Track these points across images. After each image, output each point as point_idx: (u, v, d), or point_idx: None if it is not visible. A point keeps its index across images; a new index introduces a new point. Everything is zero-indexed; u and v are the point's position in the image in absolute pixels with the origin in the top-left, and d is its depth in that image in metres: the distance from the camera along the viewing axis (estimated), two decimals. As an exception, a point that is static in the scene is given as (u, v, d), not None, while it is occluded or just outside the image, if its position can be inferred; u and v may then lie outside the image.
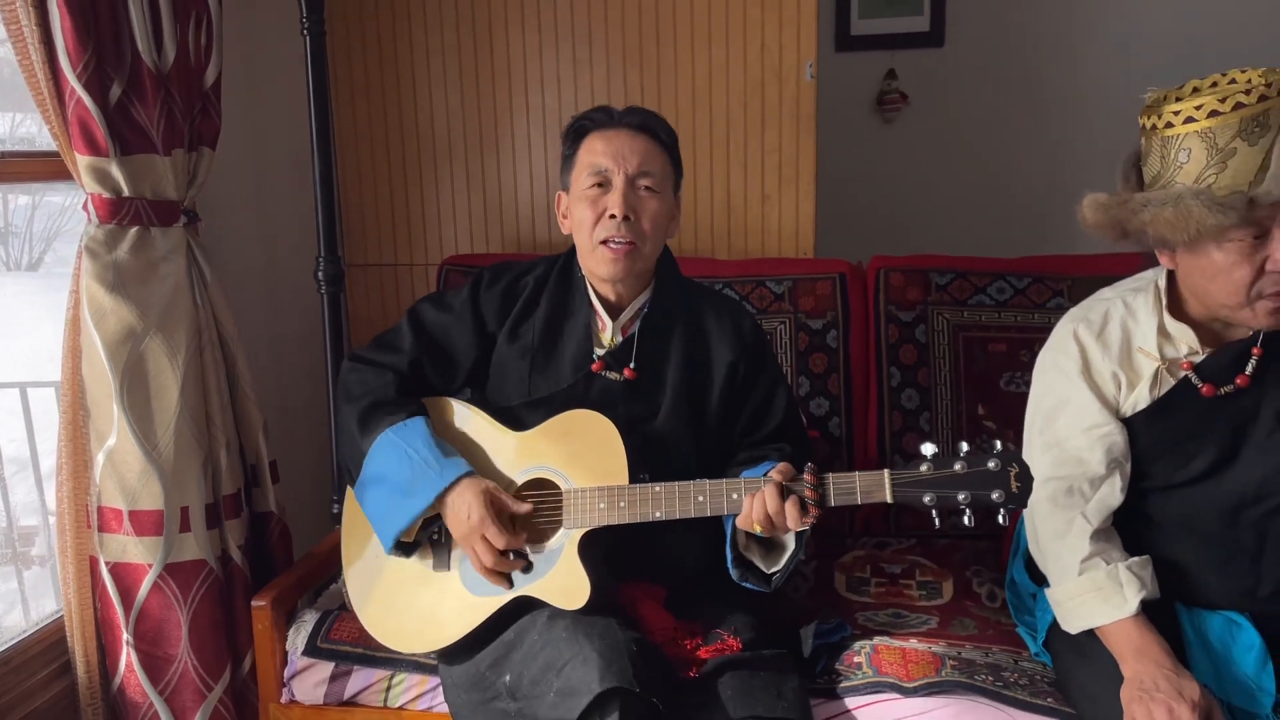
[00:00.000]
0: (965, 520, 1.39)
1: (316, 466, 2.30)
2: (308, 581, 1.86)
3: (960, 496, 1.38)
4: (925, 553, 2.05)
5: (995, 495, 1.37)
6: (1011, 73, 3.10)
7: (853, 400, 2.19)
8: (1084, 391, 1.54)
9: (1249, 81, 1.36)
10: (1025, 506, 1.38)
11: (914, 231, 3.05)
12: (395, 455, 1.56)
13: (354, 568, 1.68)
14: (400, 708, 1.70)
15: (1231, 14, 2.94)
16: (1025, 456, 1.59)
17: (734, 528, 1.50)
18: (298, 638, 1.74)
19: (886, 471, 1.41)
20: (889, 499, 1.40)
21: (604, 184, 1.60)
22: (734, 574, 1.52)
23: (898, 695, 1.55)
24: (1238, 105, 1.34)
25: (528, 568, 1.54)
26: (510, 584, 1.54)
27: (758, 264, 2.30)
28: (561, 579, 1.52)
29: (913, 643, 1.66)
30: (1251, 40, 2.92)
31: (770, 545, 1.53)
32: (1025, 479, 1.36)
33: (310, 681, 1.72)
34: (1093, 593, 1.46)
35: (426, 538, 1.60)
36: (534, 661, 1.47)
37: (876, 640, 1.67)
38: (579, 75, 2.40)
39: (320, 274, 2.12)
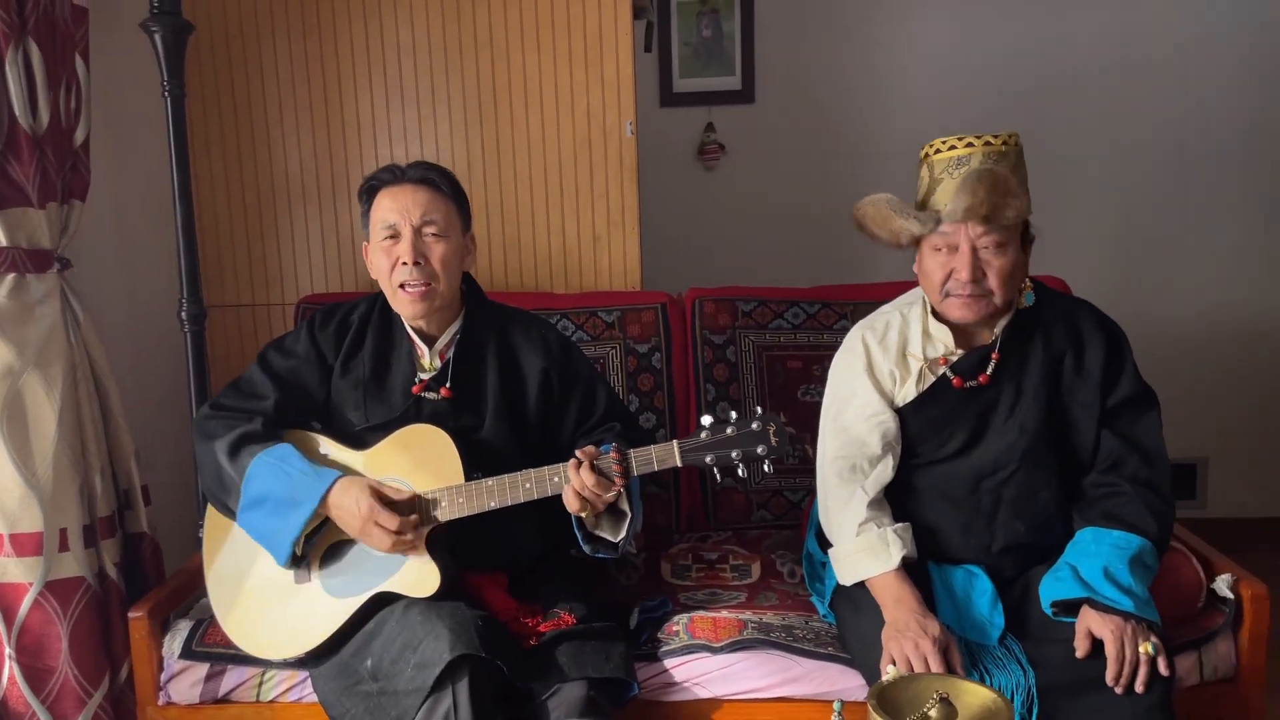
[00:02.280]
0: (740, 472, 1.69)
1: (184, 490, 2.45)
2: (180, 594, 2.02)
3: (734, 454, 1.68)
4: (739, 542, 2.36)
5: (760, 449, 1.67)
6: (812, 126, 3.52)
7: (676, 413, 2.50)
8: (867, 386, 1.88)
9: (966, 139, 1.75)
10: (784, 456, 1.69)
11: (730, 266, 3.41)
12: (273, 475, 1.76)
13: (217, 593, 1.86)
14: (272, 701, 1.88)
15: (988, 80, 3.45)
16: (820, 439, 1.96)
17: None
18: (174, 643, 1.90)
19: (675, 441, 1.70)
20: (679, 463, 1.70)
21: (395, 236, 1.82)
22: (586, 549, 1.78)
23: (708, 654, 1.85)
24: (952, 148, 1.75)
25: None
26: (414, 548, 1.74)
27: (590, 297, 2.59)
28: (413, 572, 1.75)
29: (723, 613, 1.96)
30: (1001, 100, 3.45)
31: (616, 516, 1.79)
32: (781, 433, 1.67)
33: (186, 683, 1.88)
34: (865, 551, 1.79)
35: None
36: (393, 645, 1.69)
37: (694, 613, 1.95)
38: (424, 129, 2.65)
39: (184, 314, 2.30)
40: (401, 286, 1.82)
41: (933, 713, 0.91)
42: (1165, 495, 1.76)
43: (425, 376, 1.88)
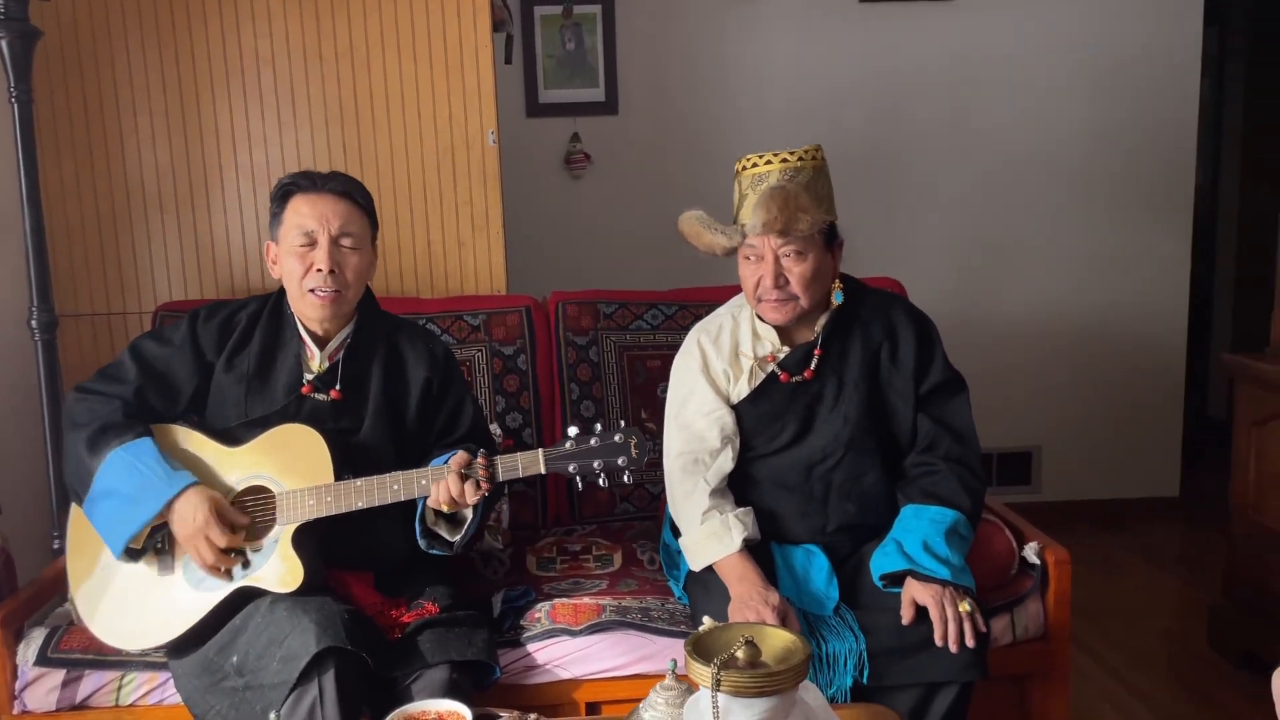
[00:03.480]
0: (601, 483, 1.78)
1: (37, 502, 2.39)
2: (34, 604, 1.98)
3: (595, 464, 1.77)
4: (603, 534, 2.46)
5: (621, 460, 1.77)
6: (674, 137, 3.68)
7: (541, 412, 2.58)
8: (704, 385, 2.01)
9: (765, 156, 1.89)
10: (642, 466, 1.79)
11: (595, 270, 3.52)
12: (125, 470, 1.76)
13: (83, 586, 1.84)
14: (132, 704, 1.87)
15: (836, 92, 3.67)
16: (665, 436, 2.07)
17: (424, 507, 1.83)
18: (28, 651, 1.87)
19: (540, 450, 1.79)
20: (543, 470, 1.78)
21: (311, 243, 1.87)
22: (422, 544, 1.85)
23: (568, 637, 1.94)
24: (753, 165, 1.90)
25: (245, 564, 1.79)
26: (230, 577, 1.79)
27: (456, 301, 2.65)
28: (278, 568, 1.78)
29: (585, 600, 2.05)
30: (848, 111, 3.67)
31: (454, 520, 1.87)
32: (642, 446, 1.78)
33: (41, 690, 1.86)
34: (710, 537, 1.91)
35: (152, 545, 1.81)
36: (259, 639, 1.72)
37: (556, 601, 2.04)
38: (284, 135, 2.67)
39: (34, 322, 2.26)
40: (312, 291, 1.86)
41: (739, 653, 1.02)
42: (976, 471, 1.94)
43: (311, 377, 1.91)
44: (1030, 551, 2.04)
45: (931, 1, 3.65)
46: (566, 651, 1.93)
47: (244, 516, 1.81)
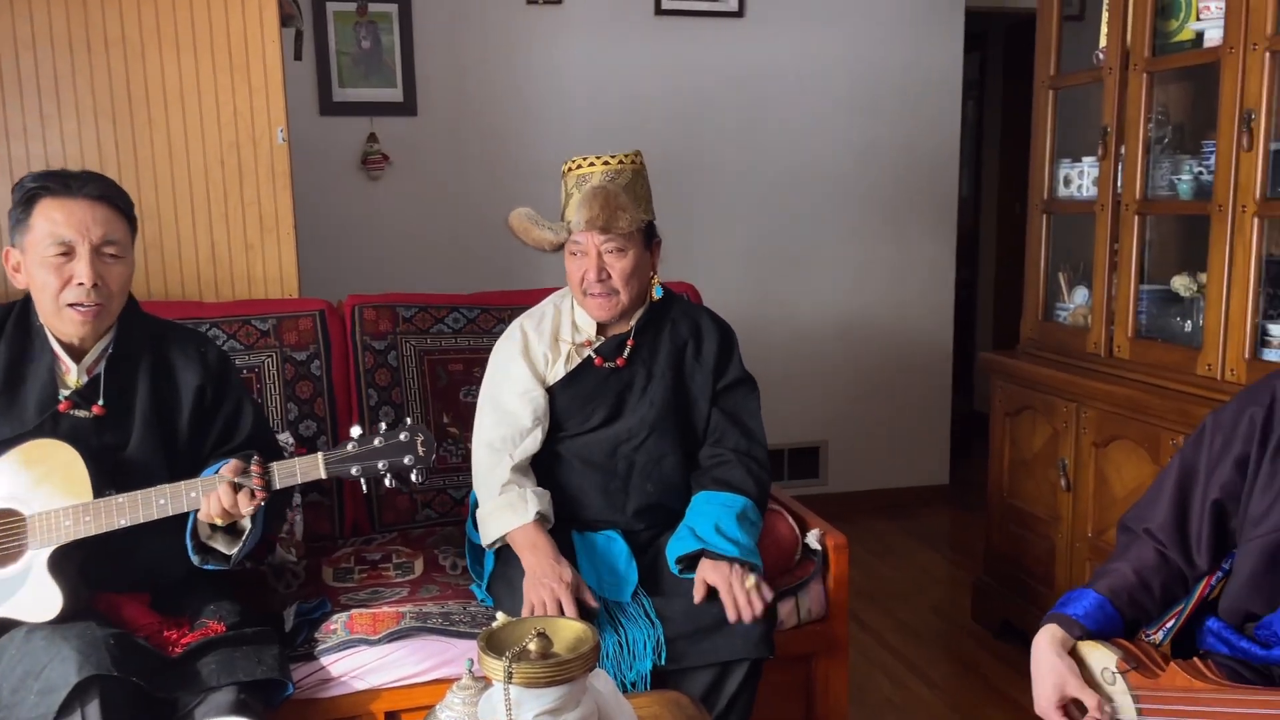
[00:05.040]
0: (388, 483, 1.74)
1: None
2: None
3: (380, 464, 1.72)
4: (404, 541, 2.42)
5: (408, 460, 1.73)
6: (474, 139, 3.66)
7: (337, 420, 2.51)
8: (522, 366, 2.09)
9: (589, 159, 2.01)
10: (430, 465, 1.76)
11: (397, 273, 3.47)
12: None
13: None
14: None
15: (634, 101, 3.77)
16: (477, 416, 2.11)
17: (195, 521, 1.73)
18: None
19: (320, 453, 1.73)
20: (324, 475, 1.71)
21: (68, 253, 1.71)
22: (195, 560, 1.76)
23: (366, 647, 1.90)
24: (578, 166, 2.02)
25: None
26: None
27: (243, 305, 2.54)
28: (32, 595, 1.64)
29: (384, 608, 2.02)
30: (646, 121, 3.78)
31: (234, 532, 1.79)
32: (430, 444, 1.73)
33: None
34: (506, 508, 1.97)
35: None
36: (13, 673, 1.58)
37: (353, 611, 1.99)
38: (47, 128, 2.47)
39: None
40: (71, 305, 1.72)
41: (531, 645, 1.05)
42: (762, 462, 2.08)
43: (68, 393, 1.77)
44: (812, 538, 2.18)
45: (723, 17, 3.81)
46: (364, 662, 1.90)
47: None
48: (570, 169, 2.04)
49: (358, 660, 1.90)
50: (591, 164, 2.00)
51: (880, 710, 2.66)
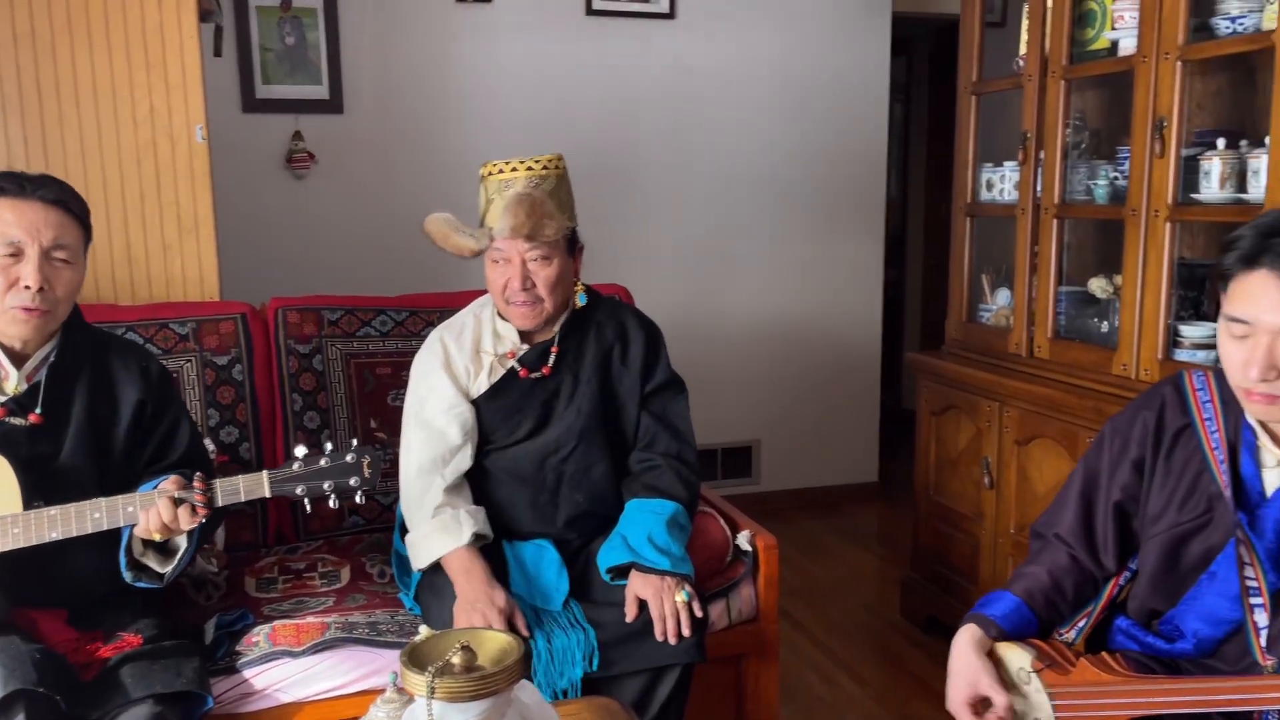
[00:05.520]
0: (332, 504, 1.72)
1: None
2: None
3: (325, 485, 1.71)
4: (330, 549, 2.38)
5: (353, 481, 1.72)
6: (403, 139, 3.61)
7: (260, 426, 2.46)
8: (445, 381, 2.04)
9: (512, 163, 1.97)
10: (374, 486, 1.75)
11: (323, 275, 3.40)
12: None
13: None
14: None
15: (567, 102, 3.75)
16: (404, 435, 2.05)
17: (129, 537, 1.69)
18: None
19: (265, 472, 1.70)
20: (268, 494, 1.69)
21: (16, 254, 1.66)
22: (128, 576, 1.71)
23: (289, 659, 1.87)
24: (500, 171, 1.96)
25: None
26: None
27: (161, 308, 2.46)
28: (-51, 608, 1.59)
29: (309, 619, 1.97)
30: (578, 122, 3.76)
31: (165, 550, 1.75)
32: (375, 465, 1.74)
33: None
34: (440, 531, 1.92)
35: None
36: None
37: (276, 622, 1.95)
38: (-49, 125, 2.38)
39: None
40: (16, 307, 1.66)
41: (455, 659, 1.04)
42: (692, 465, 2.08)
43: (5, 399, 1.71)
44: (743, 539, 2.19)
45: (654, 18, 3.81)
46: (288, 674, 1.86)
47: None
48: (491, 173, 1.98)
49: (281, 673, 1.86)
50: (514, 169, 1.95)
51: (811, 708, 2.69)
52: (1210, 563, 1.40)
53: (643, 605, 1.89)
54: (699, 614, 1.90)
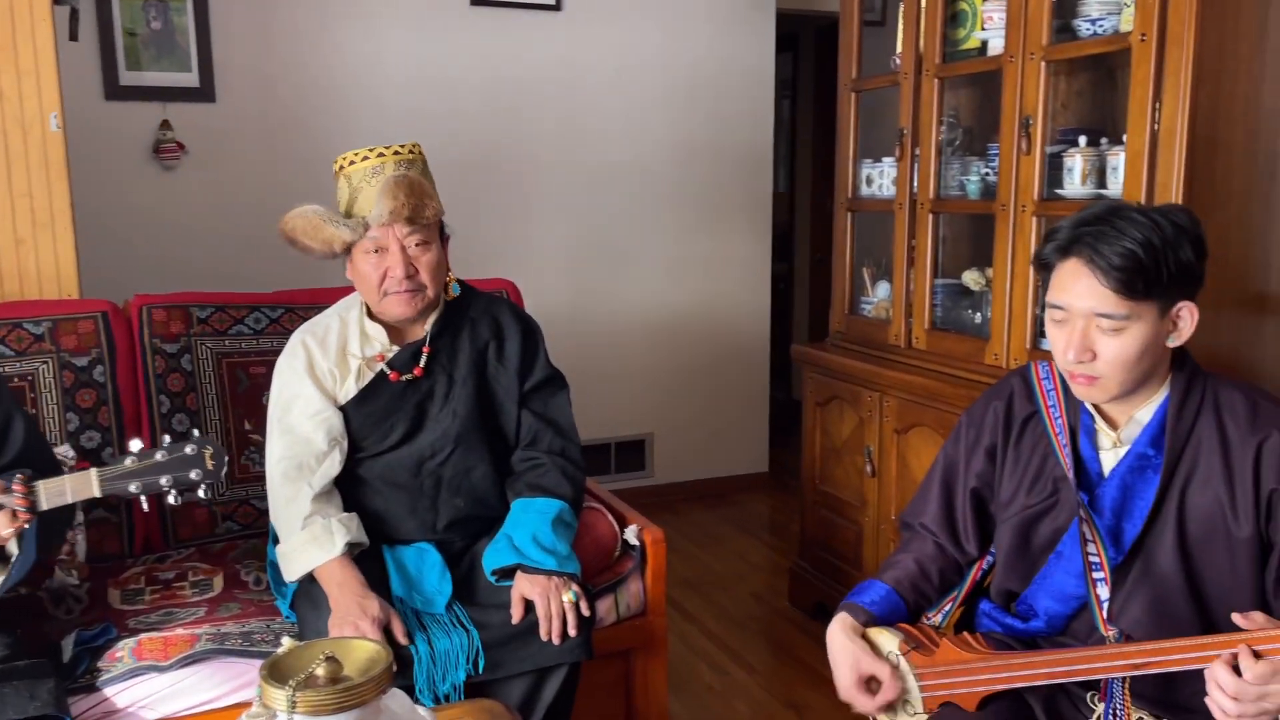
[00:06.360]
0: (172, 500, 1.62)
1: None
2: None
3: (163, 480, 1.60)
4: (203, 557, 2.28)
5: (194, 474, 1.62)
6: (279, 129, 3.49)
7: (124, 429, 2.33)
8: (309, 386, 1.95)
9: (378, 150, 1.91)
10: (220, 480, 1.67)
11: (193, 271, 3.26)
12: None
13: None
14: None
15: (452, 93, 3.68)
16: (267, 441, 1.96)
17: None
18: None
19: (93, 470, 1.60)
20: (98, 493, 1.58)
21: None
22: None
23: (156, 674, 1.78)
24: (365, 159, 1.90)
25: None
26: None
27: (13, 306, 2.32)
28: None
29: (177, 631, 1.89)
30: (464, 114, 3.70)
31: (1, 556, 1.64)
32: (219, 456, 1.63)
33: None
34: (311, 542, 1.85)
35: None
36: None
37: (141, 636, 1.86)
38: None
39: None
40: None
41: (319, 670, 1.00)
42: (577, 462, 2.06)
43: None
44: (630, 534, 2.19)
45: (540, 10, 3.77)
46: (154, 690, 1.77)
47: None
48: (353, 162, 1.91)
49: (147, 689, 1.77)
50: (380, 155, 1.90)
51: (701, 698, 2.71)
52: (1058, 542, 1.47)
53: (529, 605, 1.86)
54: (586, 613, 1.89)
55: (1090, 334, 1.35)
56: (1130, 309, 1.33)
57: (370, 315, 2.00)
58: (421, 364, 1.98)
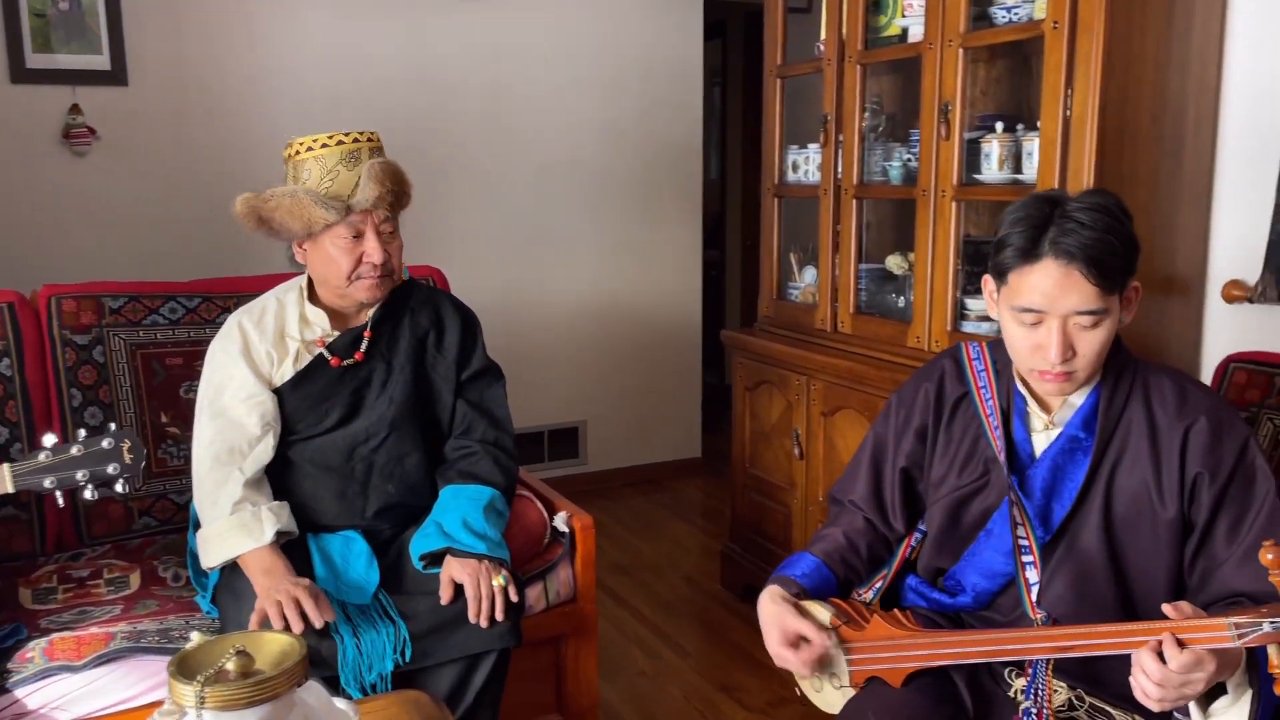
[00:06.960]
0: (88, 494, 1.59)
1: None
2: None
3: (79, 475, 1.58)
4: (118, 554, 2.22)
5: (112, 468, 1.60)
6: (195, 115, 3.39)
7: (34, 424, 2.25)
8: (244, 369, 1.92)
9: (351, 135, 1.90)
10: (138, 474, 1.63)
11: (106, 260, 3.16)
12: None
13: None
14: None
15: (377, 81, 3.61)
16: (196, 425, 1.93)
17: None
18: None
19: (5, 465, 1.55)
20: (10, 489, 1.55)
21: None
22: None
23: (68, 674, 1.73)
24: (340, 143, 1.87)
25: None
26: None
27: (-89, 298, 2.23)
28: None
29: (91, 630, 1.83)
30: (390, 102, 3.64)
31: None
32: (137, 450, 1.61)
33: None
34: (238, 529, 1.82)
35: None
36: None
37: (54, 636, 1.80)
38: None
39: None
40: None
41: (229, 665, 0.98)
42: (510, 452, 2.06)
43: None
44: (560, 521, 2.18)
45: (466, -6, 3.72)
46: (67, 691, 1.72)
47: None
48: (325, 145, 1.87)
49: (59, 689, 1.72)
50: (355, 140, 1.89)
51: (633, 683, 2.72)
52: (988, 521, 1.50)
53: (459, 589, 1.85)
54: (515, 598, 1.88)
55: (1069, 332, 1.35)
56: (1107, 301, 1.34)
57: (312, 299, 1.98)
58: (362, 349, 1.97)
